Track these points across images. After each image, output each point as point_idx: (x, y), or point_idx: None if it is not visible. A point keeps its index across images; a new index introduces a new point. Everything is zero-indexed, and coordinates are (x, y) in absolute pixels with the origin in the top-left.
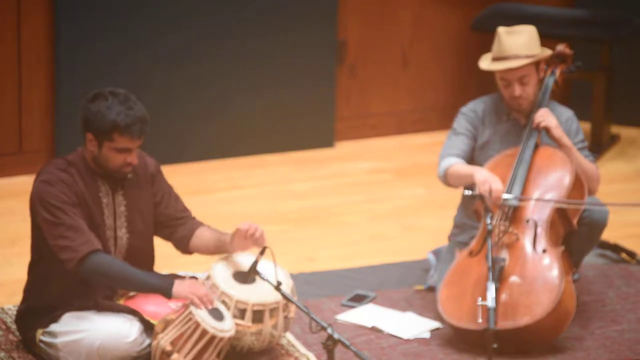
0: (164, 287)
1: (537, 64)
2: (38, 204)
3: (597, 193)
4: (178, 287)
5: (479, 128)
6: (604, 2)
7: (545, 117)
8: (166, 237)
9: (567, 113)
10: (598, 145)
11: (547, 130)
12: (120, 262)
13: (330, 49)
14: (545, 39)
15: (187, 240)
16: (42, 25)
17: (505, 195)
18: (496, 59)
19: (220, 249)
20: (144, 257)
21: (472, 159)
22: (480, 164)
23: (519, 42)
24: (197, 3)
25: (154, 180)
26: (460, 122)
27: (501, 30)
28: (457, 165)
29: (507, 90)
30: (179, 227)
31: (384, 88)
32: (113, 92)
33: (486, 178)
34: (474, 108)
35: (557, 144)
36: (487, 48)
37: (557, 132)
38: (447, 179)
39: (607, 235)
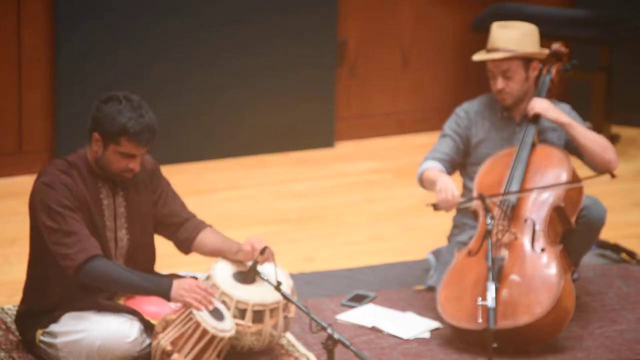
0: (162, 290)
1: (526, 61)
2: (38, 206)
3: (596, 193)
4: (176, 290)
5: (472, 128)
6: (604, 2)
7: (535, 104)
8: (168, 237)
9: (564, 107)
10: None
11: (541, 115)
12: (118, 266)
13: (330, 48)
14: (545, 38)
15: (189, 243)
16: (42, 25)
17: (463, 204)
18: (486, 51)
19: (224, 256)
20: (145, 258)
21: (459, 160)
22: (476, 163)
23: (508, 36)
24: (198, 5)
25: (152, 179)
26: (449, 124)
27: (495, 23)
28: (431, 170)
29: (492, 83)
30: (180, 228)
31: (384, 88)
32: (127, 97)
33: (441, 187)
34: (467, 109)
35: (557, 124)
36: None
37: (552, 114)
38: (422, 183)
39: (607, 235)
